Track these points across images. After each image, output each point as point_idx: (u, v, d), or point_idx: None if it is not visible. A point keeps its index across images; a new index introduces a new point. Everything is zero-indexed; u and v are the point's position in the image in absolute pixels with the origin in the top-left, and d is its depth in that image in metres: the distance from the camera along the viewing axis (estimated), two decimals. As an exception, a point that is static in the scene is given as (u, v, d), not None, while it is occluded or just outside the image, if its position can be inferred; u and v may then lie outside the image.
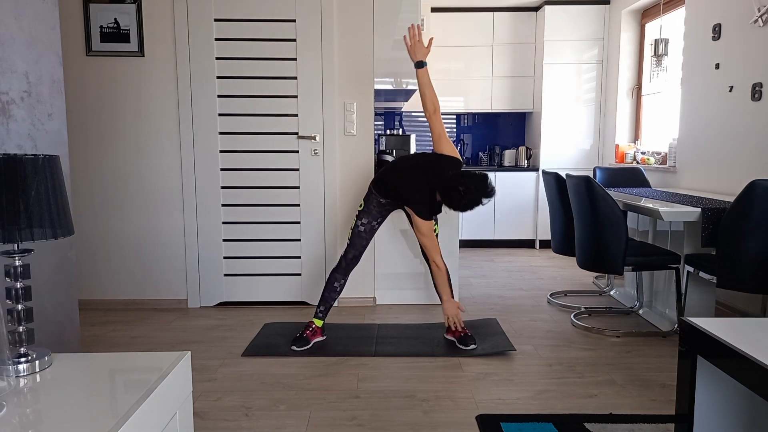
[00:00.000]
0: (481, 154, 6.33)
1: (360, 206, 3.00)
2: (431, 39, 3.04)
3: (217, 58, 3.58)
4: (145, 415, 1.11)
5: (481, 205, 2.69)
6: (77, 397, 1.16)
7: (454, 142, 6.42)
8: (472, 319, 3.41)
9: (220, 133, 3.64)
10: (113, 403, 1.12)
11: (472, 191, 2.64)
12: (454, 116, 6.39)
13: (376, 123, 6.07)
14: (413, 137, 4.48)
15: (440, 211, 2.92)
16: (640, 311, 3.57)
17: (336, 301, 3.74)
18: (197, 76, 3.59)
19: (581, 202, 3.08)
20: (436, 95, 2.92)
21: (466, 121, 6.40)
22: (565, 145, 5.80)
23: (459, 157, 2.90)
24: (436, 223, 2.97)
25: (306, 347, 2.91)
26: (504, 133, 6.41)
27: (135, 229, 3.70)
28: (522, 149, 6.03)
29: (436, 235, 2.95)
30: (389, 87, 3.73)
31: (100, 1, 3.51)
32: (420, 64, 2.92)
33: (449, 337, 3.02)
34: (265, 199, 3.70)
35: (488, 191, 2.68)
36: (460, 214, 4.16)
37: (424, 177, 2.81)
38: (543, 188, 5.74)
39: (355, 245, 2.97)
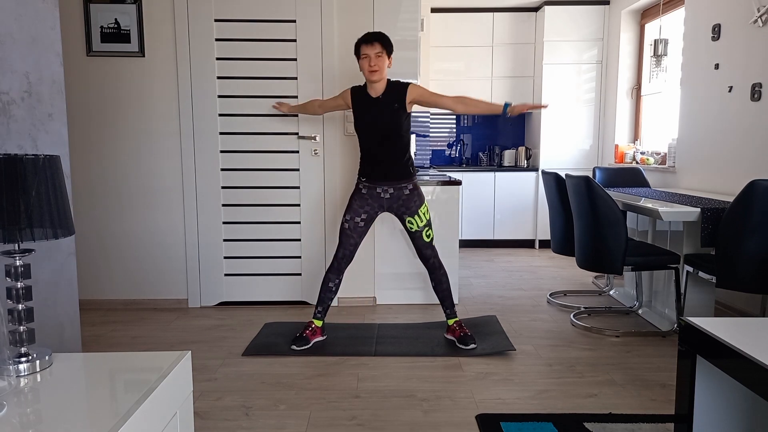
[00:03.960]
0: (480, 154, 6.33)
1: None
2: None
3: (218, 59, 3.59)
4: (146, 414, 1.12)
5: None
6: (77, 397, 1.16)
7: (454, 142, 6.42)
8: (472, 317, 3.41)
9: (221, 133, 3.64)
10: (113, 403, 1.12)
11: None
12: (454, 116, 6.39)
13: (376, 123, 6.05)
14: (413, 137, 4.48)
15: None
16: (640, 311, 3.58)
17: (336, 301, 3.75)
18: (197, 77, 3.59)
19: (581, 202, 3.08)
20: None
21: (466, 121, 6.40)
22: (564, 145, 5.80)
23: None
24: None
25: (306, 347, 2.91)
26: (504, 134, 6.42)
27: (135, 228, 3.70)
28: (522, 149, 6.03)
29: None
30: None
31: (101, 1, 3.52)
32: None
33: (449, 336, 3.03)
34: (265, 199, 3.70)
35: None
36: (460, 213, 4.14)
37: None
38: (543, 188, 5.74)
39: (342, 243, 2.98)
